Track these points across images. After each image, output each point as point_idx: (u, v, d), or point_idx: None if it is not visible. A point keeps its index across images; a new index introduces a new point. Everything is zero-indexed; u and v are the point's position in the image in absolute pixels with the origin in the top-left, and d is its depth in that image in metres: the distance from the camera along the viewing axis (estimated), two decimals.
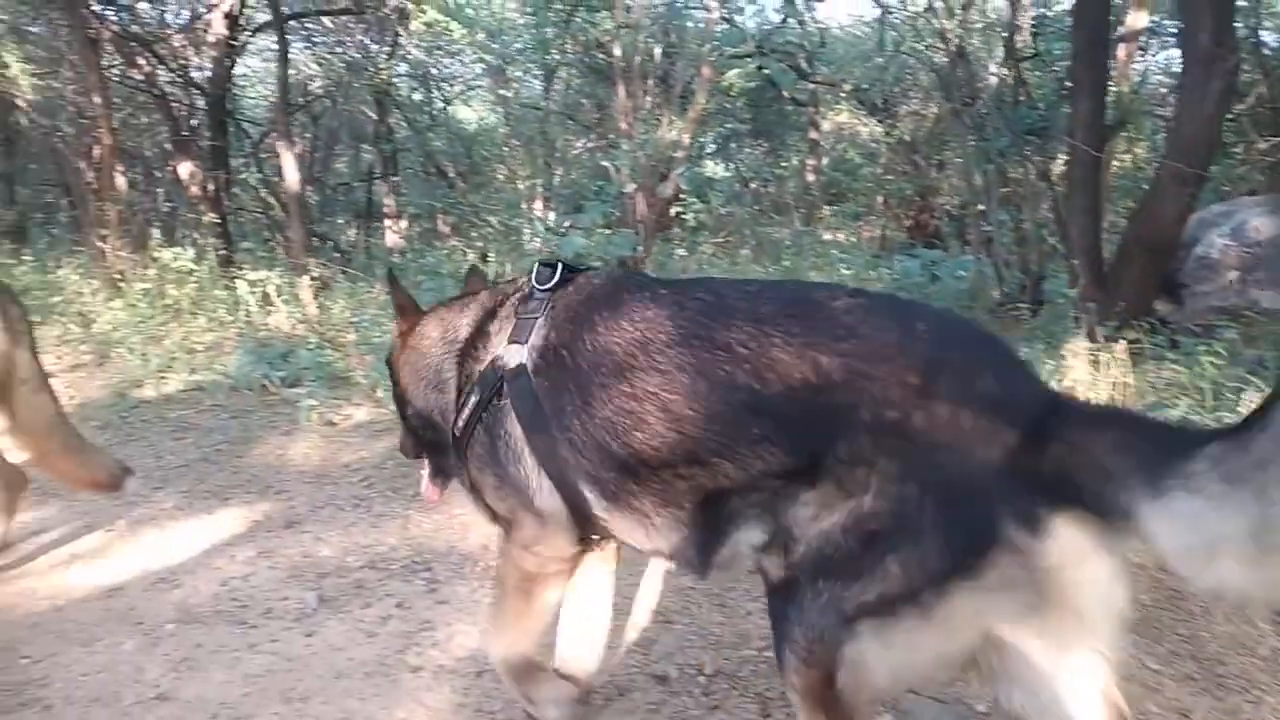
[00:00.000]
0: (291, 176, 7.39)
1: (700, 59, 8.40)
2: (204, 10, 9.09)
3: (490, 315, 2.05)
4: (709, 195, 9.16)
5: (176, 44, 9.34)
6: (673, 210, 8.71)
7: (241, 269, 6.93)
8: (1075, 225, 5.69)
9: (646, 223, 7.12)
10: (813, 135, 12.16)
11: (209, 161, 9.06)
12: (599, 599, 2.21)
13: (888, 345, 1.53)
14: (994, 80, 8.05)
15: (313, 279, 6.80)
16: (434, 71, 13.14)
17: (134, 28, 9.12)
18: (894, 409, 1.47)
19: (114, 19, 8.78)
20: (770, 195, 12.44)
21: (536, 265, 2.05)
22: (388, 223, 12.55)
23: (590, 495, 1.84)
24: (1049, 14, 8.39)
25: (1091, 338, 4.46)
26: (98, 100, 8.06)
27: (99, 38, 8.18)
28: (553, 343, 1.88)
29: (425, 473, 2.36)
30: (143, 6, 9.35)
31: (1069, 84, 6.20)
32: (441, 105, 13.64)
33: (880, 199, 11.40)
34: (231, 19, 8.86)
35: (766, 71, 8.97)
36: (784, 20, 10.46)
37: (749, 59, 9.18)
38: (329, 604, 2.87)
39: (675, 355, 1.70)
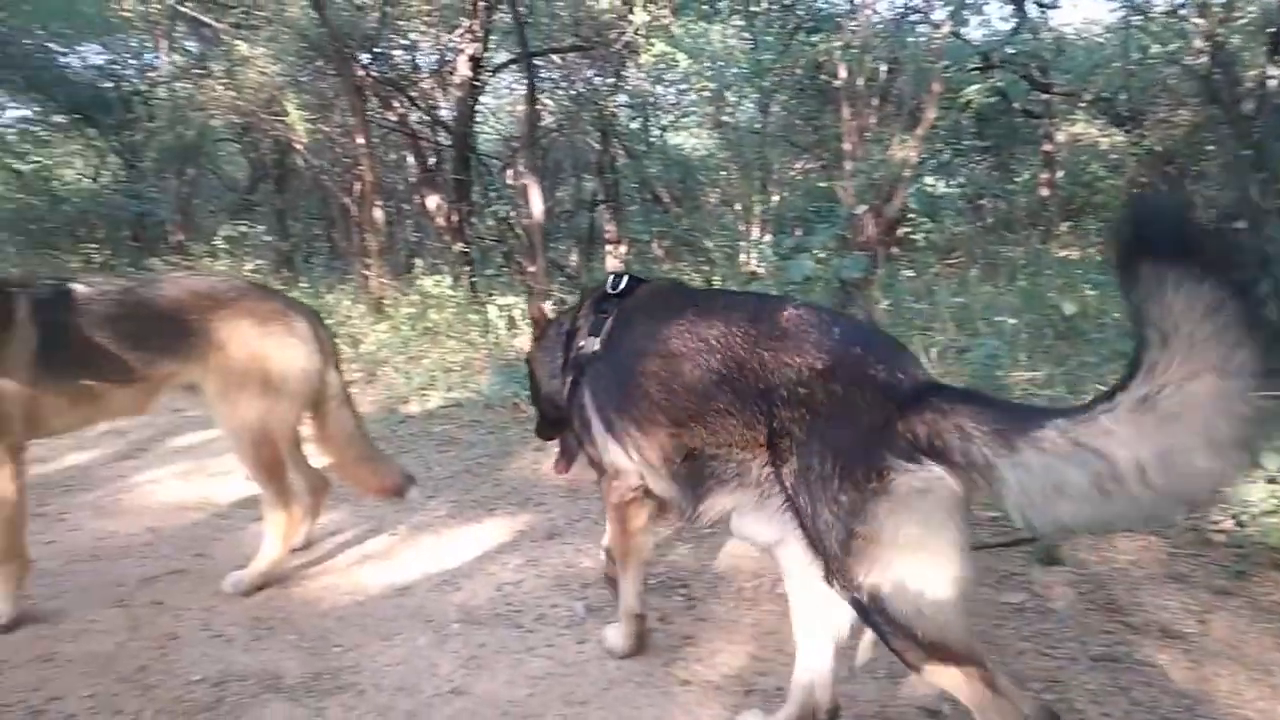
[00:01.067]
0: (537, 208, 7.79)
1: (930, 74, 8.18)
2: (451, 54, 9.82)
3: (579, 315, 2.71)
4: (938, 214, 8.86)
5: (426, 86, 10.14)
6: (900, 230, 8.50)
7: (491, 294, 7.41)
8: None
9: (874, 244, 6.98)
10: (1046, 148, 11.50)
11: (452, 194, 9.76)
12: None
13: (806, 343, 2.00)
14: (1262, 81, 7.30)
15: (554, 304, 7.16)
16: (652, 100, 13.53)
17: (389, 74, 9.99)
18: (804, 387, 1.94)
19: (374, 66, 9.66)
20: (1000, 212, 11.86)
21: (611, 275, 2.69)
22: (608, 248, 13.01)
23: (628, 449, 2.40)
24: None
25: None
26: (360, 140, 8.88)
27: (362, 84, 9.03)
28: (610, 336, 2.52)
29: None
30: (397, 53, 10.22)
31: None
32: (658, 133, 14.03)
33: None
34: (475, 61, 9.52)
35: (1000, 84, 8.60)
36: (1016, 30, 9.99)
37: (983, 72, 8.85)
38: (595, 613, 2.99)
39: (673, 344, 2.24)
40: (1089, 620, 2.85)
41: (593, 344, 2.55)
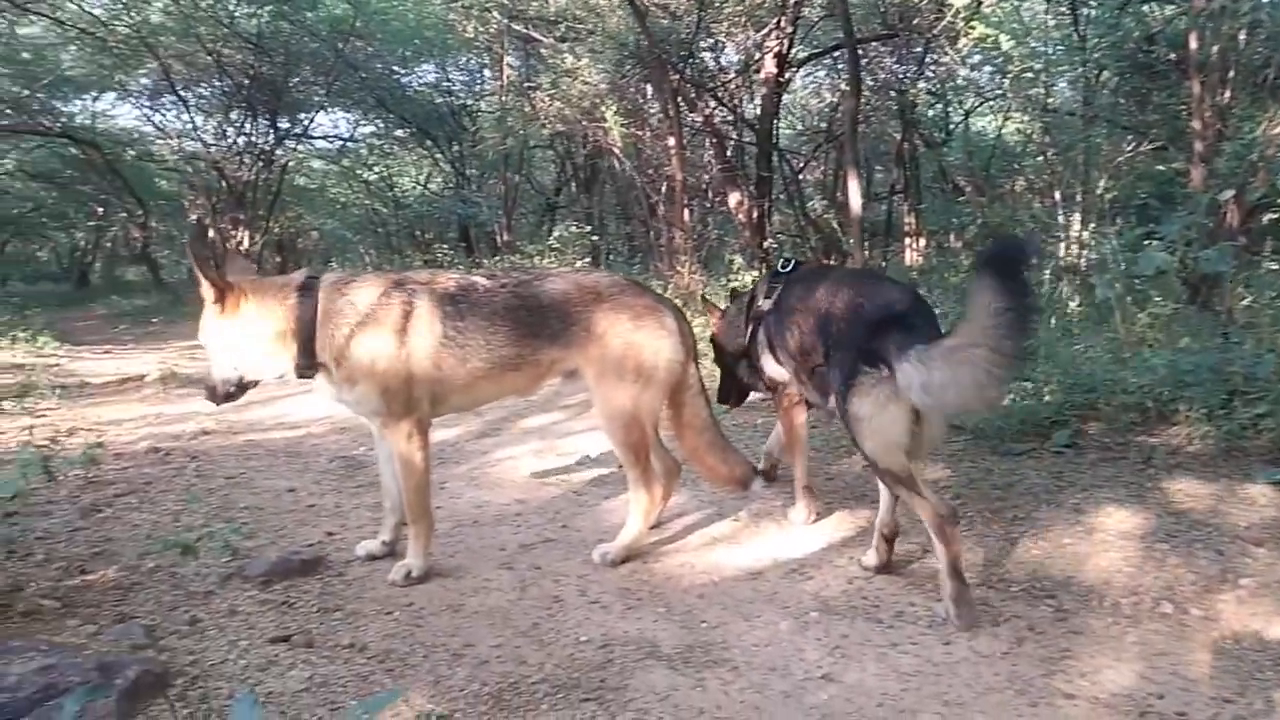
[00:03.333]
0: (856, 202, 7.72)
1: None
2: (757, 52, 9.95)
3: (757, 288, 3.92)
4: None
5: (731, 86, 10.35)
6: (1265, 217, 7.50)
7: None
8: None
9: (1236, 233, 6.23)
10: None
11: (754, 190, 9.90)
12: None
13: (842, 295, 3.17)
14: None
15: None
16: (953, 85, 12.90)
17: (698, 76, 10.30)
18: (835, 323, 3.12)
19: (685, 70, 10.01)
20: None
21: (782, 259, 4.08)
22: (906, 241, 12.62)
23: (788, 370, 3.57)
24: None
25: None
26: (671, 141, 9.25)
27: (675, 87, 9.39)
28: (778, 299, 3.62)
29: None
30: (704, 56, 10.52)
31: None
32: (960, 119, 13.36)
33: None
34: (780, 58, 9.59)
35: None
36: None
37: None
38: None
39: (804, 302, 3.36)
40: None
41: (766, 304, 3.69)
